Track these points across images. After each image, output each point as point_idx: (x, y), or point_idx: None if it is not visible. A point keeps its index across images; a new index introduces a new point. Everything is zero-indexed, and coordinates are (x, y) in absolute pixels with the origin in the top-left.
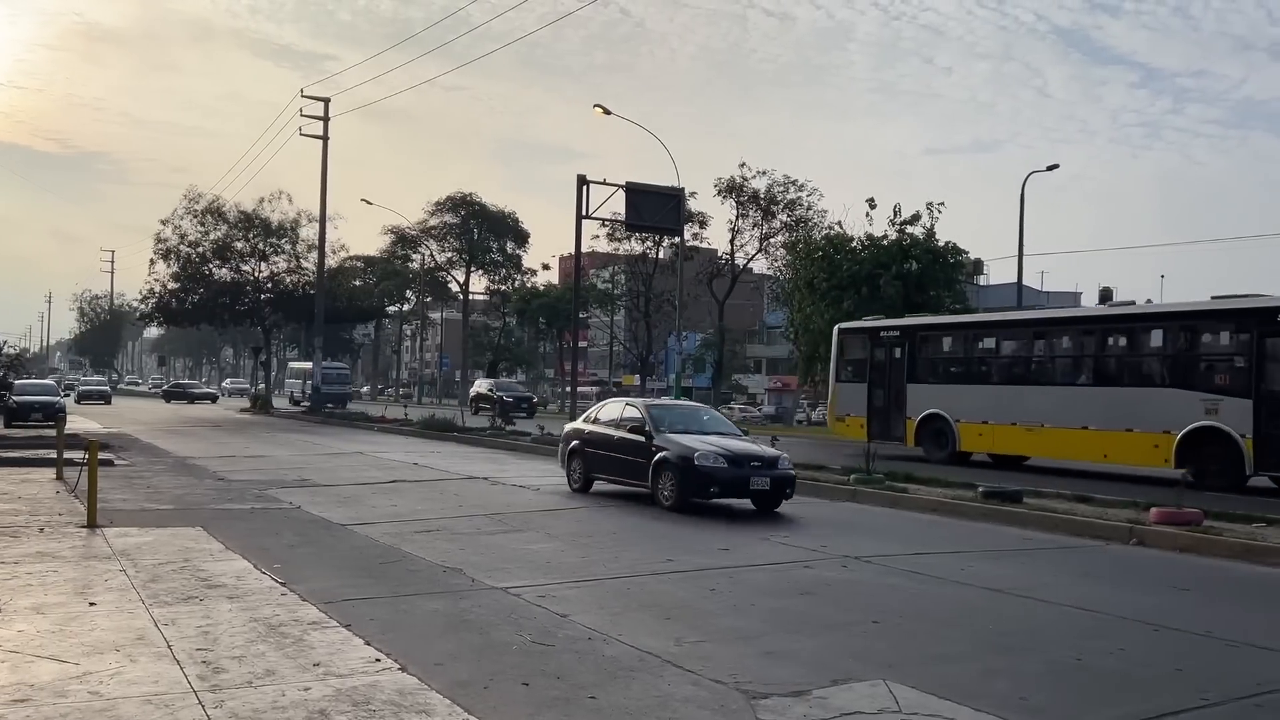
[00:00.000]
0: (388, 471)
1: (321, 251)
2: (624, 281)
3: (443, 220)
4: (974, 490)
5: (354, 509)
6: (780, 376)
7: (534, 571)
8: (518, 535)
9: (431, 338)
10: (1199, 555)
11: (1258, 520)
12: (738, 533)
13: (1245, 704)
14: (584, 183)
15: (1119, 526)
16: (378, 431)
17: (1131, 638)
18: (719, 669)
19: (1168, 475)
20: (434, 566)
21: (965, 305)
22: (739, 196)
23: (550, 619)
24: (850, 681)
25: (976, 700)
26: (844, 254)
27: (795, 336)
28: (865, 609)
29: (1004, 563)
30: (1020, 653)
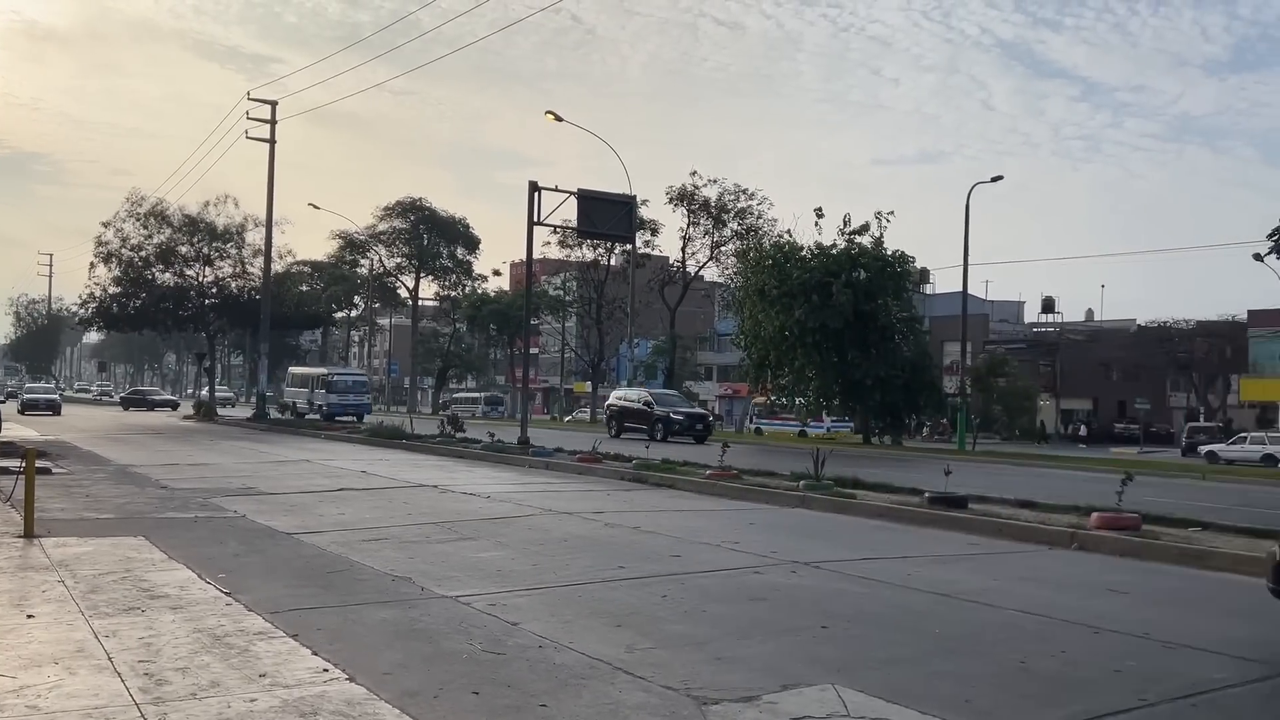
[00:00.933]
0: (335, 479)
1: (268, 256)
2: (576, 288)
3: (392, 225)
4: (920, 496)
5: (300, 517)
6: (731, 384)
7: (484, 580)
8: (468, 543)
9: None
10: (1138, 559)
11: (1193, 525)
12: (689, 540)
13: (1181, 704)
14: (536, 189)
15: (1061, 531)
16: (325, 439)
17: (1073, 640)
18: (670, 675)
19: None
20: (382, 575)
21: (912, 313)
22: (690, 205)
23: (501, 627)
24: (800, 686)
25: (923, 703)
26: (794, 262)
27: (746, 344)
28: (814, 614)
29: (949, 567)
30: (965, 656)
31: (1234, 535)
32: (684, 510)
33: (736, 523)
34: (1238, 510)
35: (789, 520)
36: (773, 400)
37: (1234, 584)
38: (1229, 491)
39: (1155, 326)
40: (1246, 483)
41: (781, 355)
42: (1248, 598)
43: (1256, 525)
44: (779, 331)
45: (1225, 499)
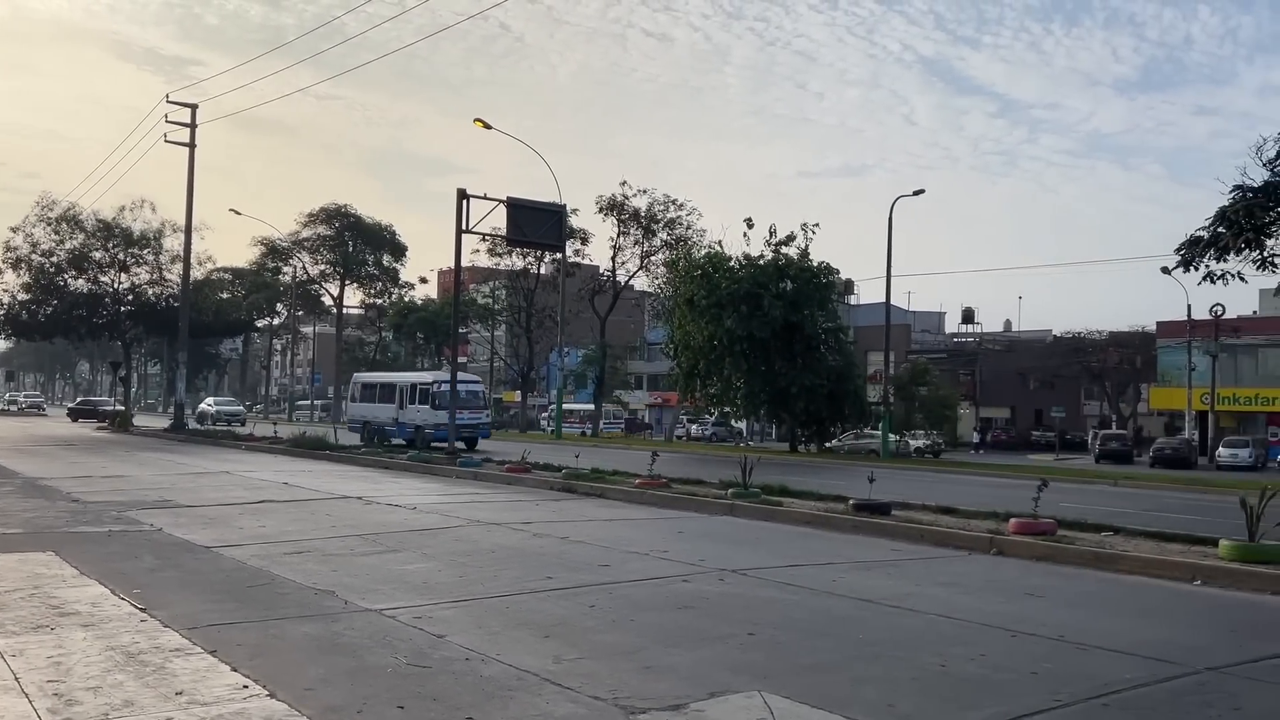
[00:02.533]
0: (255, 491)
1: (186, 263)
2: (505, 297)
3: (316, 232)
4: (845, 503)
5: (220, 530)
6: (661, 392)
7: (410, 592)
8: (393, 555)
9: (303, 353)
10: (1053, 563)
11: (1106, 529)
12: (618, 549)
13: (1093, 703)
14: (464, 197)
15: (980, 537)
16: (245, 450)
17: (992, 643)
18: (598, 685)
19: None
20: (305, 589)
21: (837, 324)
22: (620, 214)
23: (426, 640)
24: (727, 693)
25: (847, 708)
26: (723, 273)
27: (675, 353)
28: (742, 621)
29: (873, 573)
30: (888, 661)
31: (1144, 539)
32: (613, 519)
33: (665, 531)
34: (1148, 515)
35: (717, 528)
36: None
37: (1144, 586)
38: (1140, 496)
39: (1070, 337)
40: (1156, 488)
41: (710, 364)
42: (1157, 599)
43: (1165, 529)
44: (708, 341)
45: (1137, 504)
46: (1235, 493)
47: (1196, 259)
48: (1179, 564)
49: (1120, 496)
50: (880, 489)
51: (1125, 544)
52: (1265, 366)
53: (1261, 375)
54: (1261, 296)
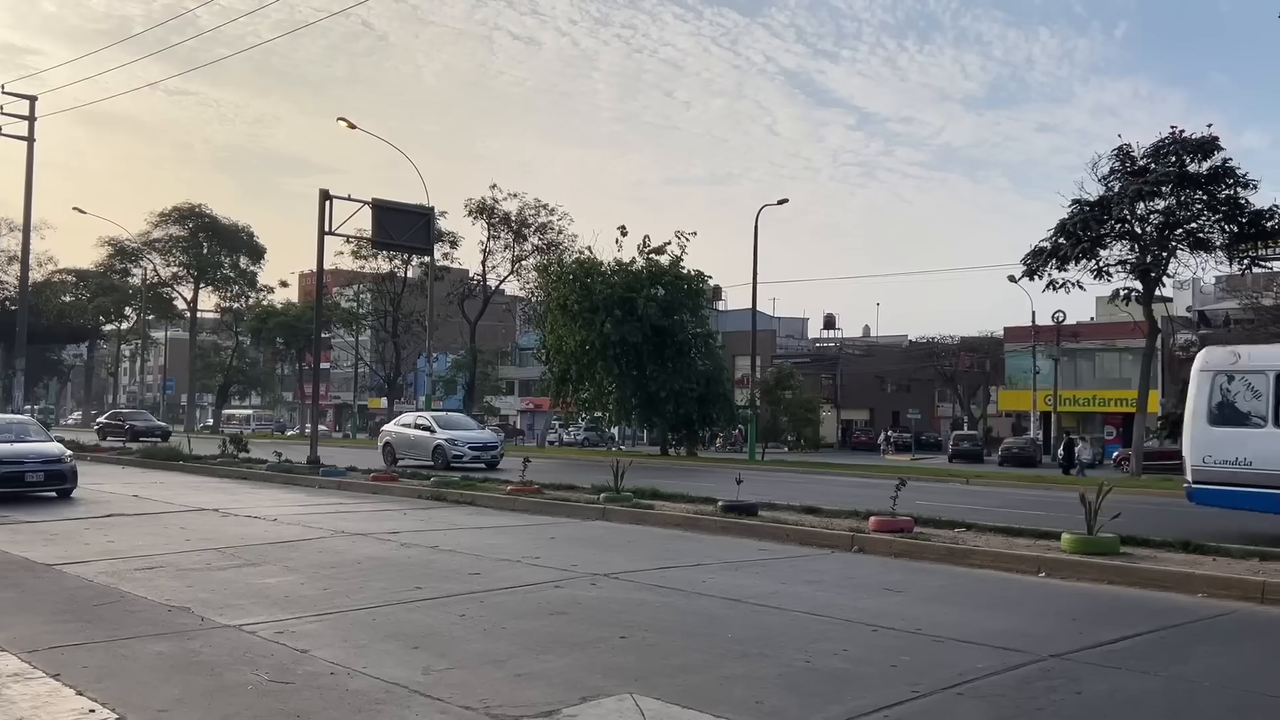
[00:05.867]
0: (103, 505)
1: (24, 264)
2: (370, 300)
3: (168, 232)
4: (715, 505)
5: (63, 547)
6: (533, 398)
7: (271, 606)
8: (253, 569)
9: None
10: (911, 559)
11: (959, 526)
12: (489, 556)
13: (949, 693)
14: (327, 198)
15: (842, 535)
16: (91, 461)
17: (854, 639)
18: (468, 695)
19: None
20: (158, 606)
21: (707, 329)
22: (490, 218)
23: (289, 655)
24: (599, 697)
25: (717, 707)
26: (595, 278)
27: (548, 358)
28: (614, 625)
29: (741, 573)
30: (756, 659)
31: (994, 534)
32: (484, 527)
33: (537, 537)
34: (997, 511)
35: (590, 533)
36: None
37: (994, 579)
38: (991, 494)
39: (924, 342)
40: (1004, 486)
41: (583, 369)
42: (1006, 591)
43: (1012, 525)
44: (580, 346)
45: (987, 501)
46: (1076, 489)
47: (1040, 268)
48: (1026, 558)
49: (972, 494)
50: (748, 490)
51: (977, 539)
52: (1102, 370)
53: (1099, 378)
54: (1098, 304)
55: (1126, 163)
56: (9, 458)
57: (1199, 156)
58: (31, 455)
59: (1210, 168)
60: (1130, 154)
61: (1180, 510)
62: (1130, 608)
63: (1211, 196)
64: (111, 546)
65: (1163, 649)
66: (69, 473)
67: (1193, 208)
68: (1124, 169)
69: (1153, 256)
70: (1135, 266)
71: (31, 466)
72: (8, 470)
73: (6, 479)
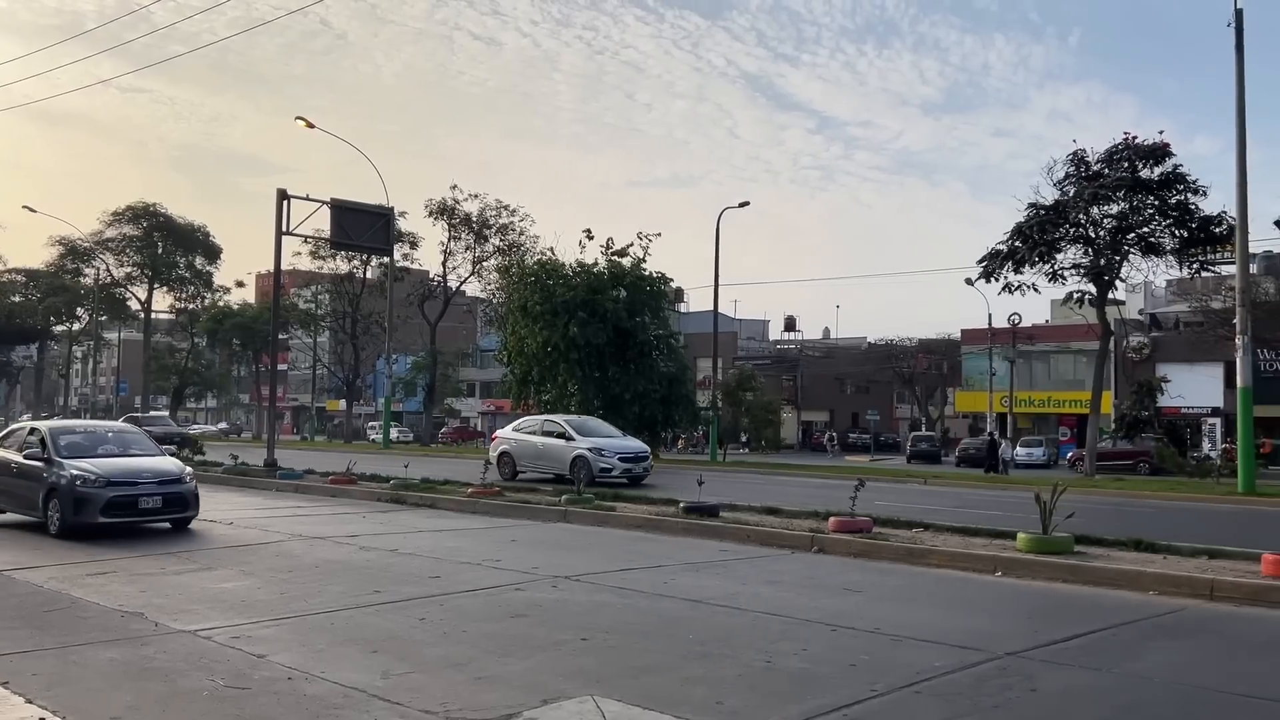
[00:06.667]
0: None
1: None
2: (329, 301)
3: (122, 232)
4: (676, 506)
5: (11, 553)
6: (494, 400)
7: (227, 611)
8: (208, 574)
9: (107, 360)
10: (870, 559)
11: (917, 526)
12: (450, 560)
13: (906, 692)
14: (284, 197)
15: (803, 535)
16: None
17: (814, 638)
18: (428, 699)
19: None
20: (110, 612)
21: (669, 330)
22: (451, 218)
23: (246, 660)
24: (560, 700)
25: (678, 708)
26: (557, 279)
27: (509, 359)
28: (575, 627)
29: (703, 574)
30: (716, 660)
31: (951, 534)
32: (444, 530)
33: (499, 540)
34: (954, 511)
35: (551, 535)
36: None
37: (952, 578)
38: (948, 494)
39: (883, 344)
40: (961, 486)
41: (545, 371)
42: (963, 591)
43: (969, 525)
44: (542, 347)
45: (945, 501)
46: (1031, 489)
47: (996, 271)
48: (982, 557)
49: (930, 494)
50: (709, 491)
51: (935, 539)
52: (1057, 371)
53: (1053, 379)
54: (1053, 306)
55: (1081, 168)
56: (120, 475)
57: (1151, 162)
58: (147, 474)
59: (1162, 173)
60: (1084, 159)
61: (1132, 509)
62: (1084, 606)
63: (1163, 202)
64: (63, 552)
65: (1115, 646)
66: (191, 497)
67: (1145, 213)
68: (1078, 174)
69: (1106, 260)
70: (1089, 270)
71: (147, 489)
72: (119, 494)
73: (116, 505)
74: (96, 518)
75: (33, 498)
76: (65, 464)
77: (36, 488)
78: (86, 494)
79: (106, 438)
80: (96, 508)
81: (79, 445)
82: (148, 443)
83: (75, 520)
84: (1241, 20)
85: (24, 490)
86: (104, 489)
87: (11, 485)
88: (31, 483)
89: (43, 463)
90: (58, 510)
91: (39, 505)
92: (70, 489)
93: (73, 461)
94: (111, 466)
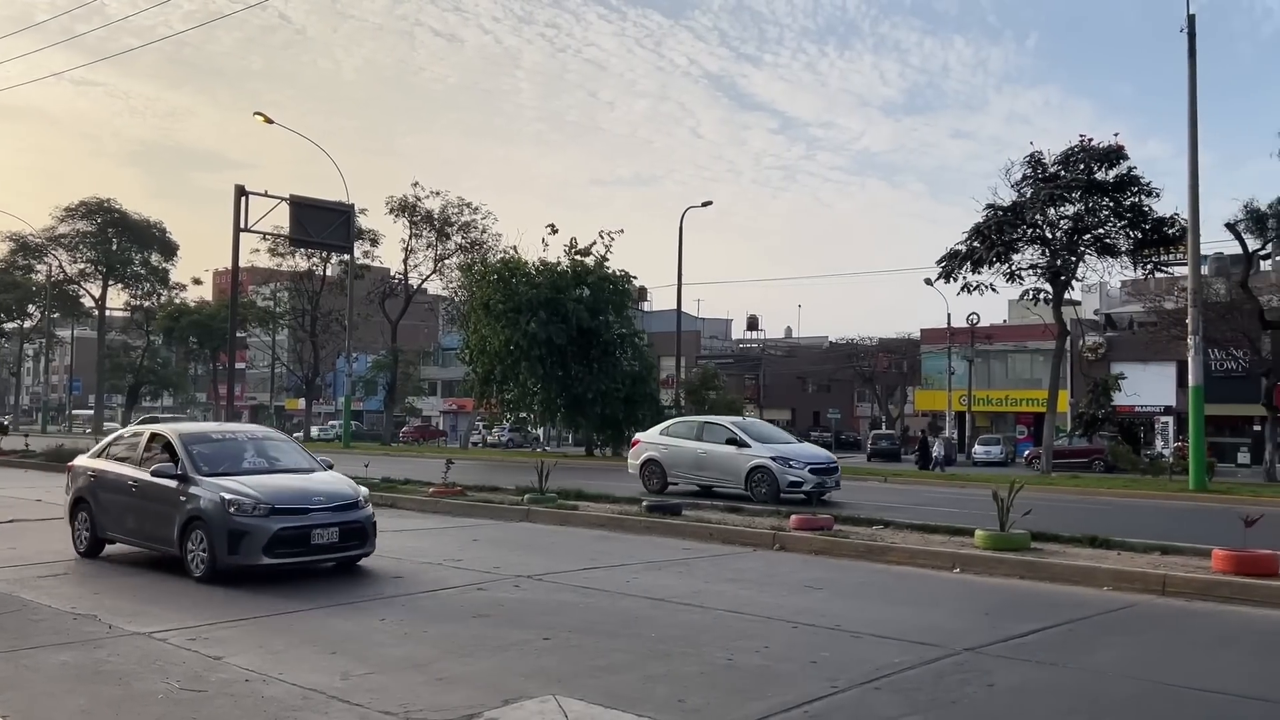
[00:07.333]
0: (5, 509)
1: None
2: (287, 299)
3: (75, 228)
4: (639, 505)
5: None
6: (456, 399)
7: (183, 612)
8: (163, 573)
9: (60, 358)
10: (830, 557)
11: (877, 523)
12: (411, 559)
13: (866, 688)
14: (243, 194)
15: (764, 533)
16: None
17: (774, 636)
18: (388, 700)
19: None
20: (62, 614)
21: (633, 329)
22: (412, 216)
23: (202, 662)
24: (521, 700)
25: (639, 706)
26: (520, 278)
27: (471, 358)
28: (537, 627)
29: (665, 573)
30: (678, 657)
31: (911, 531)
32: (406, 529)
33: (460, 539)
34: (914, 509)
35: (513, 535)
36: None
37: (911, 575)
38: (908, 492)
39: (844, 343)
40: (921, 484)
41: (507, 370)
42: (922, 587)
43: (927, 522)
44: (505, 346)
45: (905, 498)
46: (989, 486)
47: (955, 271)
48: (941, 554)
49: (891, 492)
50: (672, 490)
51: (894, 537)
52: (1014, 370)
53: (1011, 378)
54: (1011, 306)
55: (1038, 169)
56: (285, 500)
57: (1106, 165)
58: (318, 497)
59: (1116, 176)
60: (1042, 161)
61: (1088, 507)
62: (1040, 602)
63: (1117, 203)
64: (13, 553)
65: (1071, 641)
66: (370, 527)
67: (1100, 214)
68: (1035, 176)
69: (1062, 260)
70: (1046, 270)
71: (320, 517)
72: (288, 527)
73: (284, 541)
74: (259, 558)
75: (163, 528)
76: (208, 482)
77: (169, 514)
78: (245, 525)
79: (247, 446)
80: (259, 544)
81: (217, 456)
82: (299, 452)
83: (230, 561)
84: (1194, 26)
85: (150, 517)
86: (267, 519)
87: (130, 508)
88: (161, 507)
89: (176, 480)
90: (203, 545)
91: (173, 538)
92: (222, 518)
93: (217, 480)
94: (271, 487)
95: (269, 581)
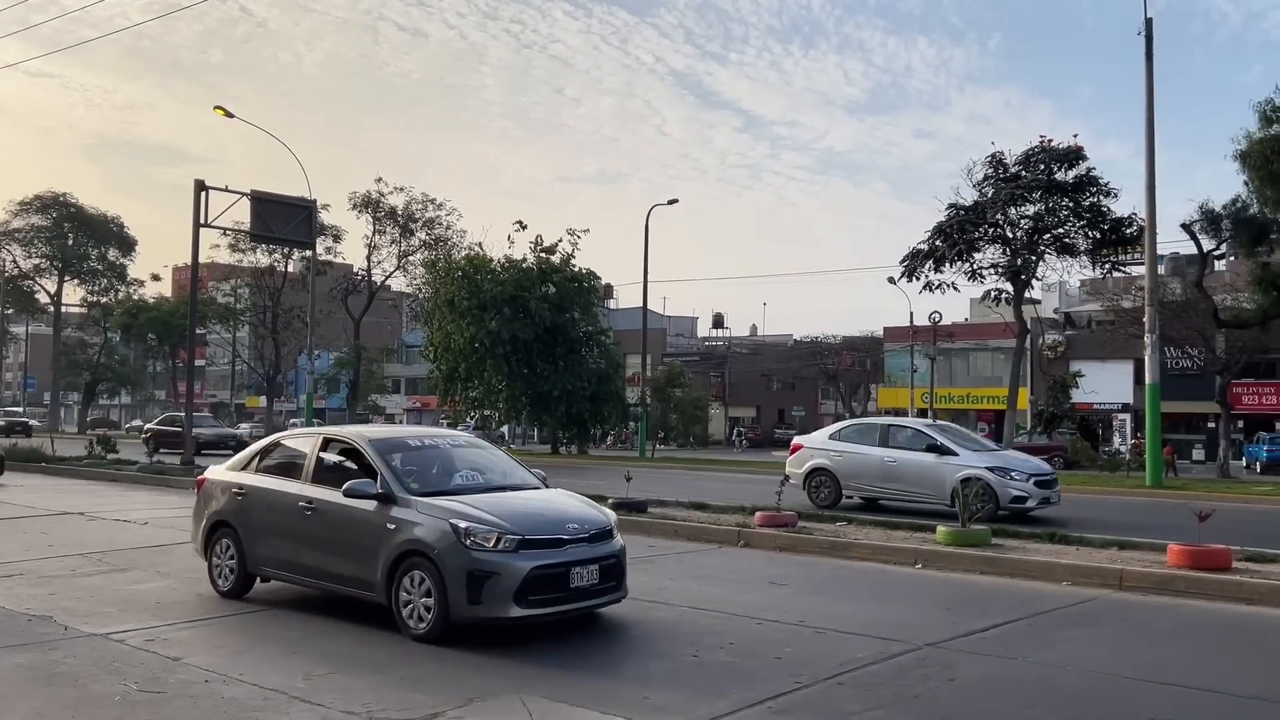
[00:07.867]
0: None
1: None
2: (248, 296)
3: (29, 222)
4: (604, 503)
5: None
6: (420, 396)
7: (141, 614)
8: (121, 575)
9: (14, 355)
10: (794, 553)
11: (841, 520)
12: None
13: (830, 683)
14: (203, 188)
15: (729, 530)
16: None
17: (740, 632)
18: (351, 700)
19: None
20: (16, 615)
21: (598, 327)
22: (376, 212)
23: (160, 664)
24: (486, 699)
25: (604, 704)
26: (485, 275)
27: (435, 355)
28: None
29: (630, 570)
30: (643, 655)
31: (874, 528)
32: None
33: None
34: None
35: None
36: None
37: (874, 571)
38: None
39: (809, 341)
40: None
41: (471, 368)
42: (885, 583)
43: (890, 519)
44: (469, 343)
45: None
46: None
47: (917, 269)
48: (903, 550)
49: None
50: (638, 487)
51: (858, 533)
52: (975, 368)
53: (972, 376)
54: (972, 305)
55: (999, 169)
56: (539, 528)
57: (1065, 165)
58: (572, 523)
59: (1076, 176)
60: (1003, 161)
61: None
62: (1000, 597)
63: (1077, 204)
64: None
65: (1030, 636)
66: (624, 562)
67: (1059, 214)
68: (997, 175)
69: (1023, 260)
70: (1006, 269)
71: (577, 551)
72: (544, 564)
73: (539, 585)
74: (508, 608)
75: (357, 565)
76: (424, 504)
77: (368, 547)
78: (490, 564)
79: (453, 455)
80: (509, 590)
81: (424, 470)
82: (511, 463)
83: (469, 613)
84: (1151, 29)
85: (335, 549)
86: (516, 555)
87: (301, 537)
88: (353, 537)
89: (375, 502)
90: (425, 590)
91: (375, 580)
92: (458, 554)
93: (436, 501)
94: (511, 510)
95: (521, 642)
